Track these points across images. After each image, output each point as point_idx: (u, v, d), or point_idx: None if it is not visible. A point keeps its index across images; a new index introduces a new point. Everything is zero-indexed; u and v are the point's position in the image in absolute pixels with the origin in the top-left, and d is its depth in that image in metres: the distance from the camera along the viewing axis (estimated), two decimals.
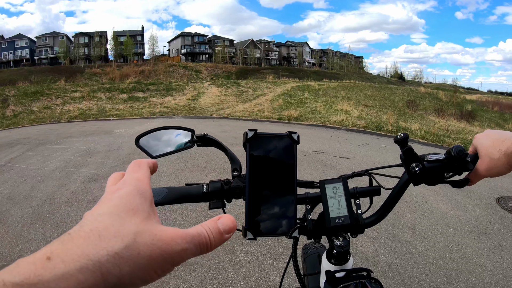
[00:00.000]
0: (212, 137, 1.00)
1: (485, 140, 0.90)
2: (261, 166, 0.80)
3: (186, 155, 6.86)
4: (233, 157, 0.96)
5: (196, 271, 3.14)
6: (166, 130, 1.02)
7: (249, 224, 0.79)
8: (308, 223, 0.96)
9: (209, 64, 63.74)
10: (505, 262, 3.35)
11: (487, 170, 0.88)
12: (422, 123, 13.41)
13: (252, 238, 0.78)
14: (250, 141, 0.80)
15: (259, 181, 0.80)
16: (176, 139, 1.02)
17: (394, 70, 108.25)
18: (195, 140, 1.00)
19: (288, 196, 0.82)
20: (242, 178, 0.91)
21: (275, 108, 17.03)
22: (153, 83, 27.38)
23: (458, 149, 0.87)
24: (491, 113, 33.32)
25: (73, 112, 16.50)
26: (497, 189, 5.29)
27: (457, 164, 0.89)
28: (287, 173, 0.82)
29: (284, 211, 0.82)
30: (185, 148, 1.02)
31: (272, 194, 0.81)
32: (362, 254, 3.44)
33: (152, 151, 0.98)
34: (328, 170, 6.22)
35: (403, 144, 0.92)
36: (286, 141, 0.83)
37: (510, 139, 0.84)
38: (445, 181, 0.94)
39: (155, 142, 1.00)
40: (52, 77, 35.85)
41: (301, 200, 0.98)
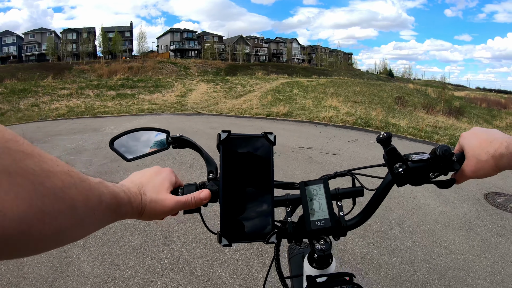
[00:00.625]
0: (188, 138, 0.97)
1: (472, 140, 0.86)
2: (236, 168, 0.79)
3: (175, 153, 6.80)
4: (208, 158, 0.93)
5: (184, 269, 3.11)
6: (141, 132, 0.99)
7: (224, 230, 0.76)
8: (288, 226, 0.92)
9: (198, 60, 63.44)
10: (493, 258, 3.37)
11: (473, 172, 0.85)
12: (410, 120, 13.49)
13: (227, 245, 0.76)
14: (224, 143, 0.78)
15: (235, 184, 0.78)
16: (150, 140, 0.99)
17: (383, 67, 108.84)
18: (170, 142, 0.97)
19: (265, 199, 0.80)
20: (218, 181, 0.87)
21: (264, 104, 17.00)
22: (142, 80, 27.24)
23: (444, 149, 0.84)
24: (479, 109, 33.65)
25: (61, 109, 16.32)
26: (485, 185, 5.32)
27: (442, 164, 0.86)
28: (264, 176, 0.81)
29: (261, 215, 0.80)
30: (160, 150, 0.99)
31: (248, 197, 0.79)
32: (350, 251, 3.43)
33: (127, 153, 0.95)
34: (317, 167, 6.21)
35: (386, 144, 0.89)
36: (262, 142, 0.81)
37: (498, 139, 0.81)
38: (430, 181, 0.91)
39: (130, 144, 0.98)
40: (40, 74, 35.55)
41: (281, 202, 0.95)
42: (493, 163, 0.80)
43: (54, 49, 62.62)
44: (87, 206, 0.48)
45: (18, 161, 0.37)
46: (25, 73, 38.45)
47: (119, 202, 0.60)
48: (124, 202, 0.62)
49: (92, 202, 0.49)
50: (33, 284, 2.88)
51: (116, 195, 0.58)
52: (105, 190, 0.54)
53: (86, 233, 0.51)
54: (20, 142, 0.39)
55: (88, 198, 0.48)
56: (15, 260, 3.20)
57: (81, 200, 0.46)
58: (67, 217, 0.44)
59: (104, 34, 67.95)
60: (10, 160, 0.36)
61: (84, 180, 0.48)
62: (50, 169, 0.42)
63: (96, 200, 0.50)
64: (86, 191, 0.48)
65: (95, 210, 0.50)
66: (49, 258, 3.26)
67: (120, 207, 0.60)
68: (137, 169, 0.82)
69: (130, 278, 2.97)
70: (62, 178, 0.43)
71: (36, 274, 3.02)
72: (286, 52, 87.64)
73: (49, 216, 0.40)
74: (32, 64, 54.62)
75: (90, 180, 0.50)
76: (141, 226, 3.88)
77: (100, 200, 0.52)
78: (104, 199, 0.53)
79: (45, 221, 0.40)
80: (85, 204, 0.47)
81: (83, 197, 0.47)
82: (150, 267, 3.13)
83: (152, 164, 0.87)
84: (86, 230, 0.51)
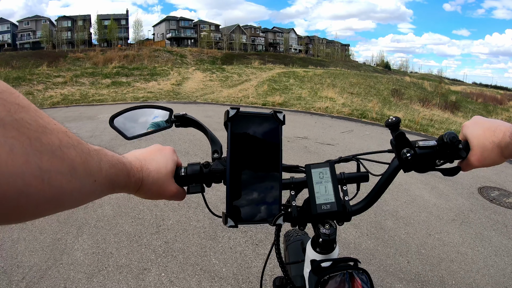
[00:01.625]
0: (191, 116, 0.94)
1: (475, 129, 0.85)
2: (243, 147, 0.76)
3: (169, 140, 6.79)
4: (213, 138, 0.91)
5: (178, 257, 3.10)
6: (142, 110, 0.95)
7: (230, 211, 0.74)
8: (292, 210, 0.90)
9: (194, 49, 63.12)
10: (486, 251, 3.38)
11: (480, 161, 0.84)
12: (406, 112, 13.53)
13: (233, 226, 0.73)
14: (232, 120, 0.76)
15: (241, 164, 0.76)
16: (152, 119, 0.96)
17: (380, 59, 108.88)
18: (173, 120, 0.94)
19: (272, 180, 0.78)
20: (223, 161, 0.85)
21: (260, 94, 16.96)
22: (137, 68, 27.06)
23: (451, 136, 0.82)
24: (475, 104, 33.83)
25: (55, 97, 16.17)
26: (479, 179, 5.35)
27: (449, 151, 0.85)
28: (272, 156, 0.78)
29: (268, 196, 0.78)
30: (163, 129, 0.95)
31: (255, 178, 0.77)
32: (344, 241, 3.44)
33: (127, 132, 0.91)
34: (312, 157, 6.21)
35: (394, 128, 0.87)
36: (271, 121, 0.79)
37: (500, 128, 0.79)
38: (436, 169, 0.90)
39: (131, 122, 0.93)
40: (34, 62, 35.28)
41: (286, 185, 0.92)
42: (498, 152, 0.80)
43: (49, 36, 62.18)
44: (87, 170, 0.46)
45: (13, 113, 0.36)
46: (20, 61, 38.12)
47: (118, 172, 0.58)
48: (124, 173, 0.61)
49: (91, 167, 0.47)
50: (26, 272, 2.87)
51: (114, 164, 0.57)
52: (104, 157, 0.53)
53: (86, 199, 0.49)
54: (16, 94, 0.38)
55: (88, 162, 0.46)
56: (8, 248, 3.19)
57: (80, 163, 0.44)
58: (67, 178, 0.42)
59: (99, 22, 67.54)
60: (5, 112, 0.35)
61: (82, 143, 0.47)
62: (47, 125, 0.40)
63: (96, 166, 0.49)
64: (85, 155, 0.46)
65: (95, 177, 0.49)
66: (42, 246, 3.25)
67: (118, 178, 0.58)
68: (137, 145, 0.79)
69: (124, 266, 2.96)
70: (59, 136, 0.41)
71: (30, 263, 3.00)
72: (283, 42, 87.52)
73: (48, 175, 0.38)
74: (26, 52, 54.15)
75: (89, 145, 0.49)
76: (134, 213, 3.87)
77: (99, 166, 0.50)
78: (103, 167, 0.51)
79: (44, 179, 0.38)
80: (84, 167, 0.45)
81: (82, 160, 0.45)
82: (144, 255, 3.13)
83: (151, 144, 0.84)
84: (86, 196, 0.49)
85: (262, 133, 0.78)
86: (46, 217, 3.78)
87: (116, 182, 0.57)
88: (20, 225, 3.59)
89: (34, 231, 3.50)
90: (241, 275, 2.88)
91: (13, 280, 2.76)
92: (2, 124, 0.34)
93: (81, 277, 2.81)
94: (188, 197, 3.36)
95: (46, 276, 2.81)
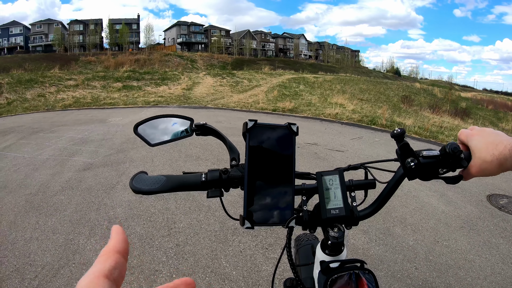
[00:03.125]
0: (211, 126, 0.99)
1: (479, 142, 0.89)
2: (260, 156, 0.81)
3: (180, 145, 6.85)
4: (231, 146, 0.96)
5: (188, 260, 3.15)
6: (164, 119, 1.01)
7: (247, 214, 0.80)
8: (304, 214, 0.95)
9: (204, 54, 63.30)
10: (493, 258, 3.39)
11: (478, 172, 0.89)
12: (416, 119, 13.46)
13: (250, 227, 0.78)
14: (250, 131, 0.81)
15: (258, 171, 0.81)
16: (174, 127, 1.01)
17: (390, 65, 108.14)
18: (194, 129, 1.00)
19: (285, 186, 0.83)
20: (241, 168, 0.91)
21: (270, 99, 17.00)
22: (148, 72, 27.23)
23: (453, 146, 0.87)
24: (485, 111, 33.46)
25: (67, 100, 16.39)
26: (488, 187, 5.34)
27: (451, 160, 0.89)
28: (286, 164, 0.83)
29: (282, 201, 0.83)
30: (184, 137, 1.01)
31: (270, 184, 0.82)
32: (353, 246, 3.47)
33: (150, 139, 0.98)
34: (322, 163, 6.24)
35: (399, 139, 0.92)
36: (285, 132, 0.84)
37: (503, 142, 0.84)
38: (439, 177, 0.95)
39: (153, 130, 1.00)
40: (47, 65, 35.53)
41: (298, 191, 0.97)
42: (497, 164, 0.84)
43: (61, 40, 62.64)
44: None
45: None
46: (32, 63, 38.48)
47: None
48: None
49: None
50: (39, 271, 2.94)
51: None
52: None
53: None
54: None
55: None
56: (21, 247, 3.27)
57: None
58: None
59: (111, 26, 67.89)
60: None
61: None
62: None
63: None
64: None
65: None
66: (55, 246, 3.32)
67: None
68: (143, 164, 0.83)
69: (136, 267, 3.01)
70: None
71: (42, 262, 3.07)
72: (293, 48, 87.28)
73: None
74: (38, 54, 54.61)
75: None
76: (146, 216, 3.92)
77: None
78: None
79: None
80: None
81: None
82: (155, 257, 3.18)
83: (159, 158, 0.88)
84: None
85: (277, 143, 0.83)
86: (59, 218, 3.86)
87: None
88: (33, 225, 3.67)
89: (47, 231, 3.57)
90: (251, 278, 2.92)
91: (26, 278, 2.83)
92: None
93: None
94: (199, 202, 3.42)
95: (58, 275, 2.88)
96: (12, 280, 2.80)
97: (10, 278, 2.83)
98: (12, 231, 3.60)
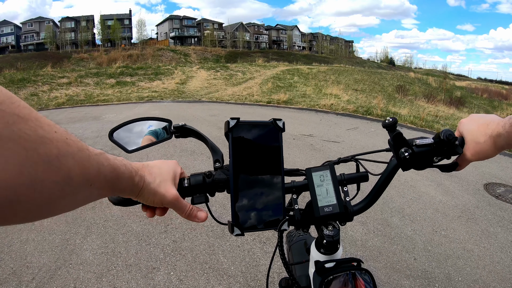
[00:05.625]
0: (191, 127, 0.96)
1: (470, 125, 0.88)
2: (245, 156, 0.78)
3: (175, 140, 6.79)
4: (214, 147, 0.92)
5: (186, 256, 3.13)
6: (141, 122, 0.96)
7: (236, 219, 0.76)
8: (295, 213, 0.92)
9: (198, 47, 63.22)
10: (492, 247, 3.39)
11: (473, 155, 0.87)
12: (411, 108, 13.47)
13: (239, 234, 0.75)
14: (232, 130, 0.77)
15: (244, 172, 0.77)
16: (153, 130, 0.97)
17: (384, 55, 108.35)
18: (173, 131, 0.96)
19: (275, 187, 0.80)
20: (225, 170, 0.87)
21: (265, 91, 16.93)
22: (141, 68, 27.04)
23: (448, 133, 0.85)
24: (480, 100, 33.55)
25: (60, 98, 16.21)
26: (485, 176, 5.34)
27: (446, 148, 0.87)
28: (273, 163, 0.80)
29: (272, 202, 0.79)
30: (163, 140, 0.97)
31: (258, 185, 0.79)
32: (351, 238, 3.46)
33: (128, 145, 0.92)
34: (317, 154, 6.22)
35: (391, 129, 0.89)
36: (271, 129, 0.81)
37: (494, 121, 0.82)
38: (434, 165, 0.92)
39: (129, 135, 0.94)
40: (39, 63, 35.25)
41: (287, 189, 0.93)
42: (491, 143, 0.82)
43: (52, 38, 62.35)
44: (84, 176, 0.46)
45: (11, 125, 0.36)
46: (24, 62, 38.16)
47: (119, 175, 0.58)
48: (125, 176, 0.60)
49: (89, 173, 0.48)
50: (36, 273, 2.90)
51: (116, 168, 0.56)
52: (105, 162, 0.53)
53: (81, 203, 0.50)
54: (16, 104, 0.38)
55: (86, 169, 0.46)
56: (17, 249, 3.23)
57: (77, 170, 0.44)
58: (62, 187, 0.42)
59: (103, 22, 67.67)
60: (2, 124, 0.35)
61: (83, 150, 0.47)
62: (47, 135, 0.40)
63: (94, 171, 0.49)
64: (84, 161, 0.46)
65: (92, 182, 0.49)
66: (51, 247, 3.28)
67: (119, 181, 0.58)
68: (139, 160, 0.80)
69: (133, 265, 2.99)
70: (58, 145, 0.42)
71: (39, 263, 3.04)
72: (286, 40, 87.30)
73: (41, 185, 0.39)
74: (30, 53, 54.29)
75: (90, 151, 0.49)
76: (142, 213, 3.87)
77: (98, 171, 0.50)
78: (103, 171, 0.51)
79: (36, 189, 0.38)
80: (82, 174, 0.45)
81: (80, 167, 0.45)
82: (153, 254, 3.16)
83: (154, 154, 0.85)
84: (81, 200, 0.49)
85: (263, 141, 0.80)
86: (55, 218, 3.82)
87: (116, 184, 0.58)
88: (29, 226, 3.63)
89: (43, 232, 3.54)
90: (249, 273, 2.91)
91: (23, 280, 2.80)
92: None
93: (90, 276, 2.84)
94: None
95: (55, 276, 2.85)
96: (9, 283, 2.77)
97: (7, 281, 2.79)
98: (8, 233, 3.55)
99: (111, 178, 0.55)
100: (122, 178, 0.59)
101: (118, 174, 0.57)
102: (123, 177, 0.60)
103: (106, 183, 0.54)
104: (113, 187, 0.57)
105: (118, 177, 0.57)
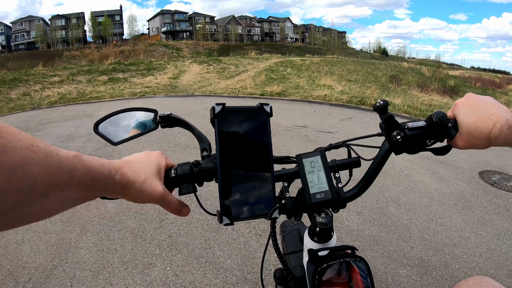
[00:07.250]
0: (177, 116, 0.93)
1: (467, 114, 0.84)
2: (232, 143, 0.75)
3: (169, 134, 6.78)
4: (201, 136, 0.90)
5: (182, 251, 3.11)
6: (127, 113, 0.94)
7: (224, 208, 0.73)
8: (287, 201, 0.91)
9: (190, 41, 62.76)
10: (488, 235, 3.39)
11: (466, 146, 0.85)
12: (405, 98, 13.51)
13: (229, 223, 0.72)
14: (218, 117, 0.74)
15: (232, 160, 0.74)
16: (138, 122, 0.95)
17: (378, 45, 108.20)
18: (159, 121, 0.94)
19: (264, 174, 0.77)
20: (213, 159, 0.85)
21: (258, 84, 16.92)
22: (134, 63, 26.95)
23: (440, 115, 0.83)
24: (473, 88, 33.73)
25: (52, 97, 16.14)
26: (480, 163, 5.35)
27: (439, 130, 0.85)
28: (262, 149, 0.77)
29: (262, 190, 0.76)
30: (149, 131, 0.95)
31: (247, 173, 0.76)
32: (348, 228, 3.45)
33: (112, 137, 0.90)
34: (312, 145, 6.20)
35: (382, 112, 0.88)
36: (258, 114, 0.77)
37: (492, 117, 0.79)
38: (427, 149, 0.91)
39: (115, 127, 0.92)
40: (30, 63, 34.94)
41: (278, 177, 0.92)
42: (486, 141, 0.80)
43: (43, 36, 61.75)
44: (52, 182, 0.45)
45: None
46: (15, 62, 37.66)
47: (95, 176, 0.56)
48: (103, 176, 0.59)
49: (59, 177, 0.47)
50: (32, 273, 2.88)
51: (92, 169, 0.55)
52: (78, 164, 0.51)
53: (54, 211, 0.49)
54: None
55: (54, 174, 0.45)
56: (13, 250, 3.21)
57: (44, 177, 0.43)
58: (27, 194, 0.41)
59: (93, 19, 67.11)
60: None
61: (51, 155, 0.46)
62: (8, 144, 0.39)
63: (65, 176, 0.48)
64: (52, 167, 0.45)
65: (64, 186, 0.48)
66: (47, 246, 3.26)
67: (96, 182, 0.57)
68: (129, 153, 0.78)
69: (129, 262, 2.97)
70: (21, 153, 0.41)
71: (35, 263, 3.01)
72: (279, 32, 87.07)
73: (4, 193, 0.38)
74: (21, 53, 53.62)
75: (60, 155, 0.48)
76: (137, 209, 3.87)
77: (70, 175, 0.49)
78: (76, 174, 0.50)
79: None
80: (49, 180, 0.44)
81: (48, 173, 0.44)
82: (148, 250, 3.14)
83: (144, 146, 0.83)
84: (53, 207, 0.48)
85: (250, 127, 0.77)
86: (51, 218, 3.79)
87: (93, 186, 0.56)
88: (24, 227, 3.59)
89: (38, 232, 3.51)
90: (246, 266, 2.89)
91: (20, 281, 2.78)
92: None
93: (87, 275, 2.82)
94: None
95: (52, 276, 2.83)
96: (6, 284, 2.74)
97: (4, 283, 2.77)
98: (3, 235, 3.52)
99: (86, 180, 0.53)
100: (99, 178, 0.58)
101: (94, 175, 0.56)
102: (100, 177, 0.58)
103: (80, 186, 0.52)
104: (89, 188, 0.55)
105: (94, 178, 0.56)
